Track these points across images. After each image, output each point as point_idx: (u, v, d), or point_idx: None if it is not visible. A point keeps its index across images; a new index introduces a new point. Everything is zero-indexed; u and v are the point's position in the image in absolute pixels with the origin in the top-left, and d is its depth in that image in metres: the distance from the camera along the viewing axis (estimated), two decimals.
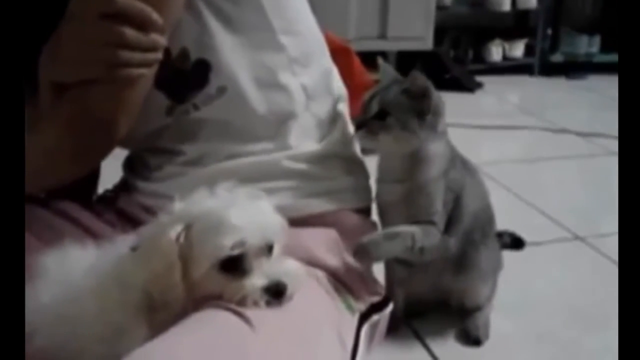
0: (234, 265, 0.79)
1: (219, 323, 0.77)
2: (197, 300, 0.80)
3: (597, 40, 3.98)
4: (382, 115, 1.12)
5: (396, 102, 1.12)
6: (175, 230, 0.79)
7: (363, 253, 1.10)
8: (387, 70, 1.20)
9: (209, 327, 0.77)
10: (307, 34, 1.13)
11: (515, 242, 1.69)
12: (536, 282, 1.58)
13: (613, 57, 3.91)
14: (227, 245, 0.78)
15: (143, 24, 0.89)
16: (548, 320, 1.42)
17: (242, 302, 0.79)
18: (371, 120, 1.12)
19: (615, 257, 1.67)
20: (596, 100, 3.50)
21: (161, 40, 0.92)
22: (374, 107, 1.12)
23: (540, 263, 1.68)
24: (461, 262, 1.26)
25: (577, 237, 1.82)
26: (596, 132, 2.77)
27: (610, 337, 1.27)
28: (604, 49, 3.99)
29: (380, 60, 1.21)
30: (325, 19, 1.18)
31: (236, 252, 0.78)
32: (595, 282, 1.61)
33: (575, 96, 3.59)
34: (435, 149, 1.16)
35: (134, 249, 0.82)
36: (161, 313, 0.79)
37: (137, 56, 0.90)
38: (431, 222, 1.17)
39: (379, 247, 1.12)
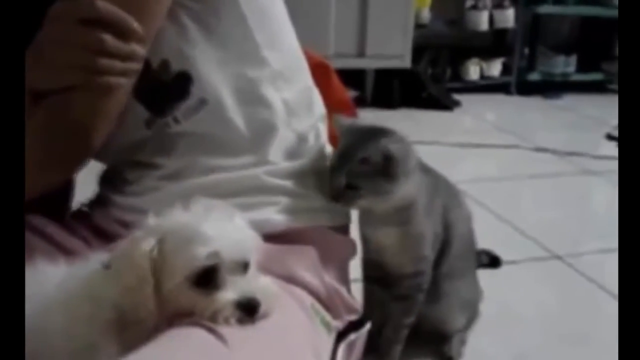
0: (207, 280, 0.77)
1: (193, 341, 0.76)
2: (170, 317, 0.78)
3: (573, 59, 4.03)
4: (352, 186, 1.10)
5: (360, 174, 1.10)
6: (148, 244, 0.77)
7: None
8: (344, 129, 1.16)
9: (182, 345, 0.75)
10: (289, 50, 1.13)
11: (492, 261, 1.70)
12: (513, 301, 1.58)
13: (589, 77, 3.97)
14: (201, 255, 0.76)
15: (123, 33, 0.88)
16: (525, 338, 1.42)
17: (213, 317, 0.77)
18: (344, 192, 1.10)
19: (591, 275, 1.69)
20: (572, 119, 3.54)
21: (141, 50, 0.91)
22: (342, 181, 1.10)
23: (517, 281, 1.68)
24: (436, 291, 1.26)
25: (554, 256, 1.82)
26: (572, 151, 2.79)
27: (587, 355, 1.27)
28: (580, 68, 4.05)
29: (338, 122, 1.18)
30: (304, 35, 1.17)
31: (210, 262, 0.77)
32: (571, 300, 1.62)
33: (552, 115, 3.63)
34: (411, 188, 1.15)
35: (106, 266, 0.80)
36: (133, 330, 0.78)
37: (117, 64, 0.88)
38: (411, 288, 1.24)
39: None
